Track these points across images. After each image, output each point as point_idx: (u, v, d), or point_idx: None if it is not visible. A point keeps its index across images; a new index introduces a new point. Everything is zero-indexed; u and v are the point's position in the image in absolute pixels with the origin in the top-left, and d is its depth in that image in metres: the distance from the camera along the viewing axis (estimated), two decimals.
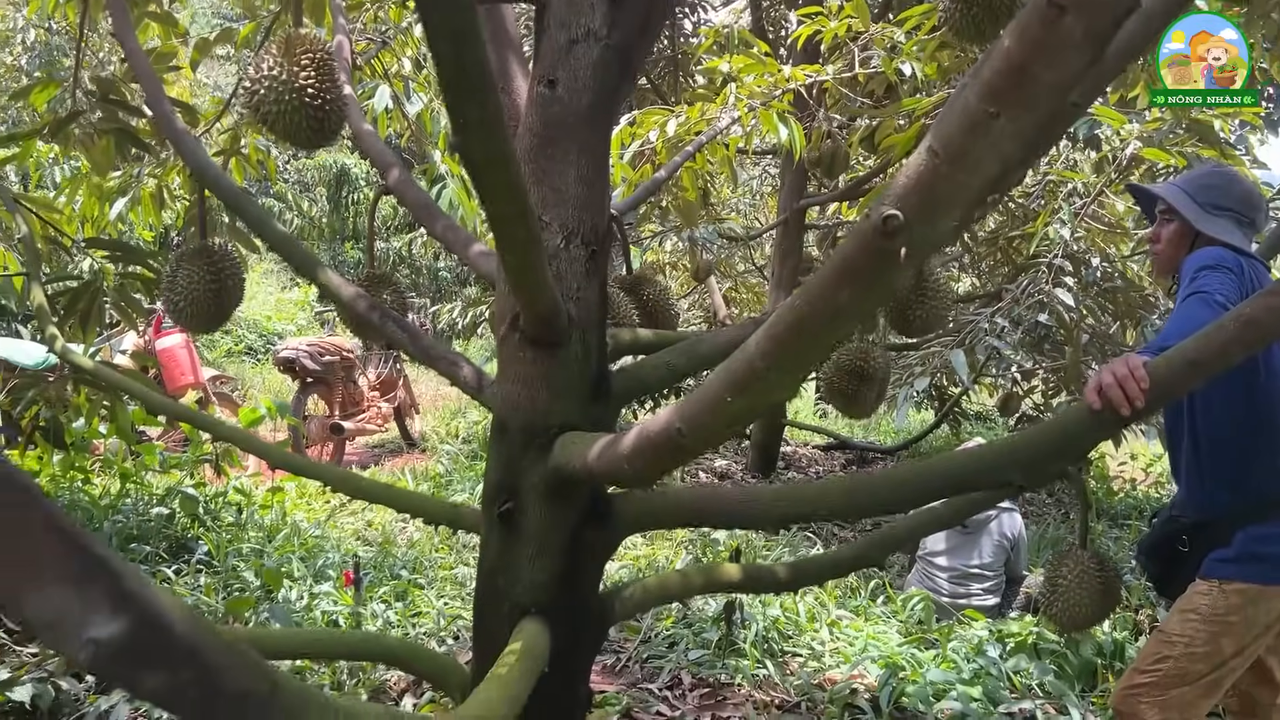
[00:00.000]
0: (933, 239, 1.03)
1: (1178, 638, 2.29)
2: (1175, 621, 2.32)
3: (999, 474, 1.66)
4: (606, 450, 1.58)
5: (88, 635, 0.58)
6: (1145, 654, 2.38)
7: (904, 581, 5.10)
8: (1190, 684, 2.27)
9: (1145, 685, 2.32)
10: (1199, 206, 2.34)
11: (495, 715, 1.37)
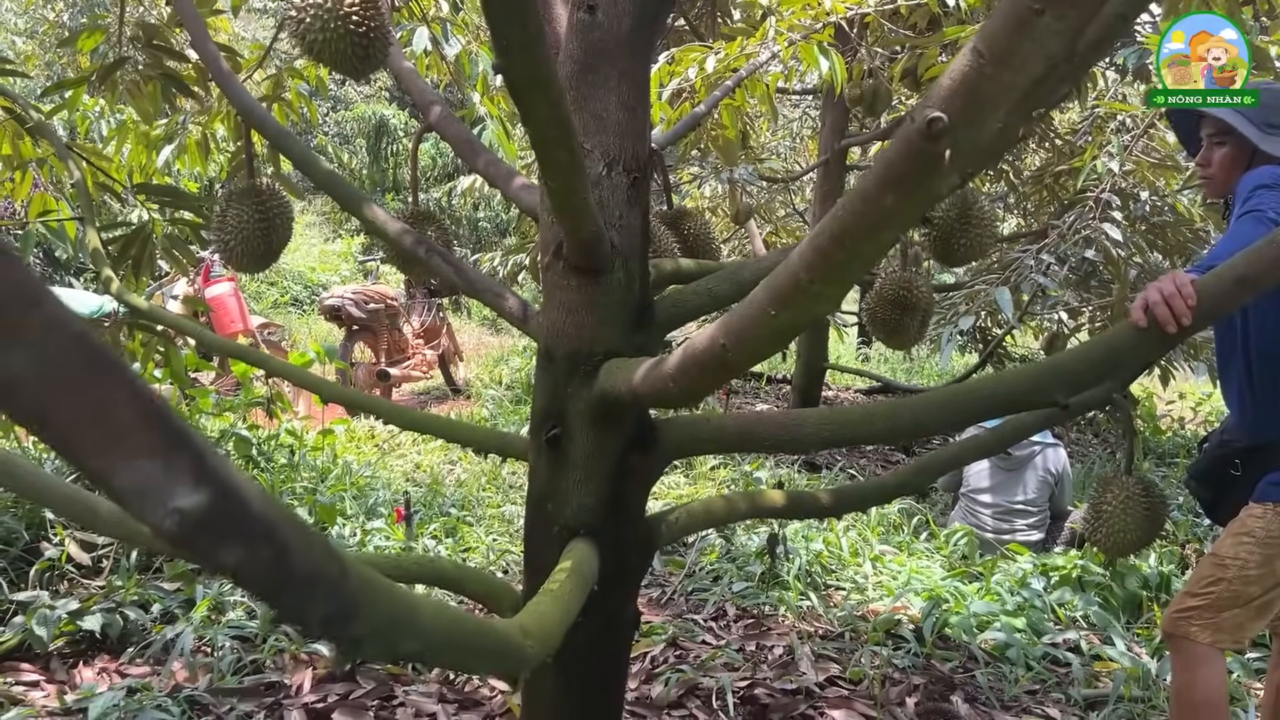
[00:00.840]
0: (977, 142, 1.03)
1: (1231, 560, 2.28)
2: (1228, 544, 2.31)
3: (1044, 394, 1.67)
4: (651, 371, 1.61)
5: (173, 504, 0.61)
6: (1197, 577, 2.36)
7: (947, 519, 5.11)
8: (1242, 606, 2.26)
9: (1197, 608, 2.31)
10: (1256, 126, 2.29)
11: (550, 625, 1.41)
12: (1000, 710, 2.91)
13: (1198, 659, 2.30)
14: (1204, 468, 2.46)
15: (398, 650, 0.90)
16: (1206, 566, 2.34)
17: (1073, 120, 8.33)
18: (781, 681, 2.97)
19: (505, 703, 2.79)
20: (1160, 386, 7.56)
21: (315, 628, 0.79)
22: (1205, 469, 2.45)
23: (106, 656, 2.96)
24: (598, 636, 1.97)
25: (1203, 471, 2.46)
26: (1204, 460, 2.45)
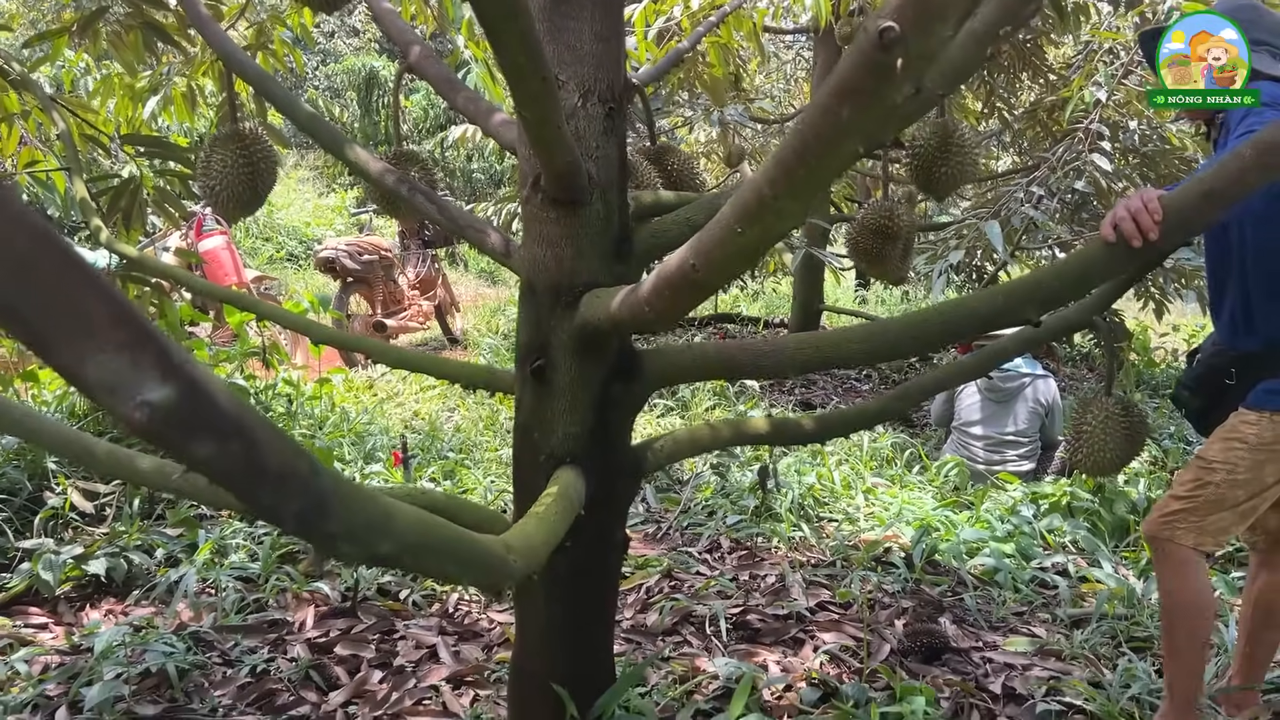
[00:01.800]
0: (929, 51, 1.05)
1: (1220, 464, 2.29)
2: (1217, 449, 2.32)
3: (1019, 312, 1.70)
4: (627, 297, 1.64)
5: (142, 397, 0.65)
6: (1182, 480, 2.38)
7: (939, 454, 5.17)
8: (1228, 509, 2.29)
9: (1182, 510, 2.34)
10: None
11: (535, 543, 1.46)
12: (988, 630, 2.98)
13: (1183, 561, 2.33)
14: (1199, 374, 2.42)
15: (374, 551, 0.94)
16: (1192, 470, 2.36)
17: (1066, 55, 8.26)
18: (773, 607, 3.04)
19: (504, 633, 2.86)
20: (1154, 319, 7.60)
21: (290, 523, 0.84)
22: (1200, 376, 2.42)
23: (112, 599, 3.03)
24: (587, 559, 2.02)
25: (1197, 378, 2.43)
26: (1199, 368, 2.43)
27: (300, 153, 18.60)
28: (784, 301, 11.62)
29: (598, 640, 2.19)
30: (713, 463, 4.42)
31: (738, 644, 2.82)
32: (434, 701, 2.50)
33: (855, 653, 2.75)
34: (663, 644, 2.80)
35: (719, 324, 9.58)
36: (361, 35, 20.55)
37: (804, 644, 2.83)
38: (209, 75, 4.32)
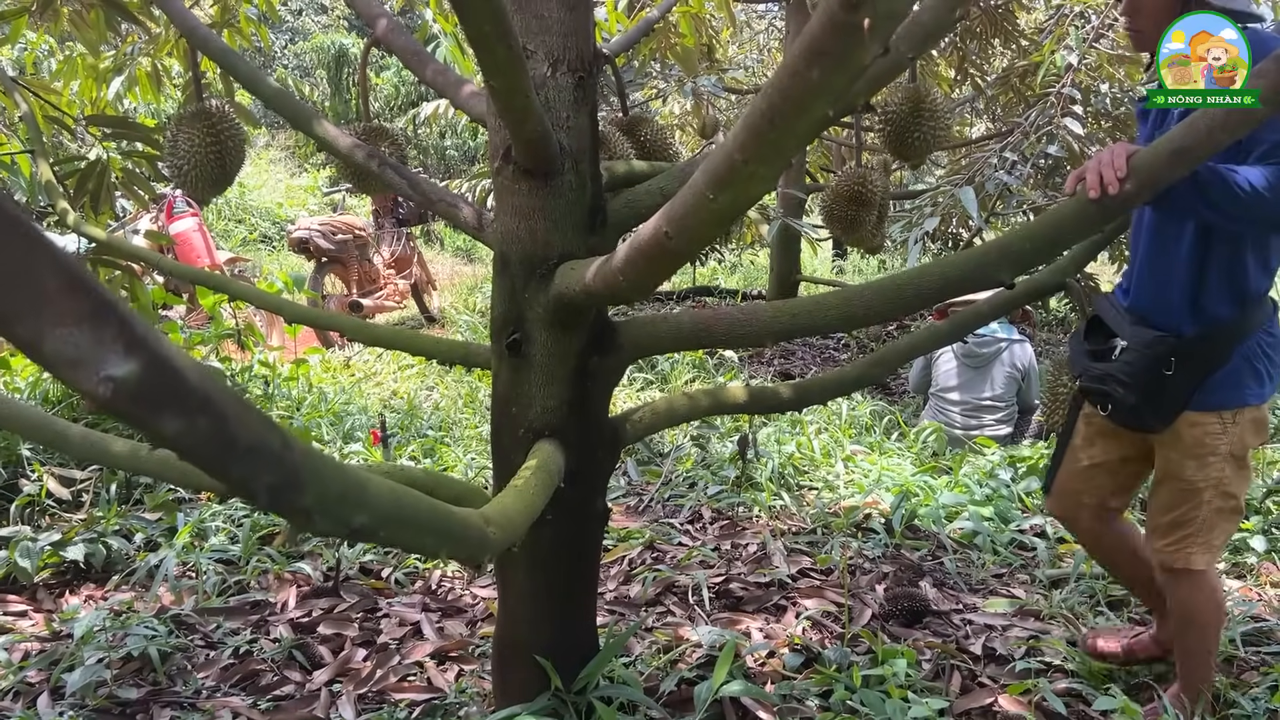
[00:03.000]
0: (897, 10, 1.04)
1: (1204, 484, 2.13)
2: (1193, 468, 2.13)
3: (992, 272, 1.70)
4: (602, 268, 1.63)
5: (105, 372, 0.64)
6: (1167, 506, 2.20)
7: (917, 421, 5.20)
8: (1229, 516, 2.19)
9: (1190, 535, 2.18)
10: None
11: (513, 515, 1.45)
12: (968, 593, 3.01)
13: (1202, 582, 2.23)
14: (1137, 367, 2.06)
15: (349, 523, 0.93)
16: (1171, 494, 2.19)
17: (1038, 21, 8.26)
18: (755, 575, 3.06)
19: (487, 608, 2.86)
20: None
21: (264, 498, 0.83)
22: (1137, 369, 2.05)
23: (92, 585, 3.01)
24: (568, 531, 2.03)
25: (1134, 373, 2.06)
26: (1136, 359, 2.06)
27: (271, 132, 18.40)
28: (761, 273, 11.64)
29: (580, 611, 2.19)
30: (693, 434, 4.43)
31: (720, 612, 2.84)
32: (419, 678, 2.51)
33: (837, 618, 2.78)
34: (646, 614, 2.81)
35: (697, 297, 9.58)
36: (330, 12, 20.32)
37: (786, 611, 2.85)
38: (174, 54, 4.25)
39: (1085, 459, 2.37)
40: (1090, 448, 2.37)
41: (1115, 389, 2.08)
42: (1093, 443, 2.36)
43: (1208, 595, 2.24)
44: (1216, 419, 2.11)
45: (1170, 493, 2.20)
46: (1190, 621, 2.27)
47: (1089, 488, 2.40)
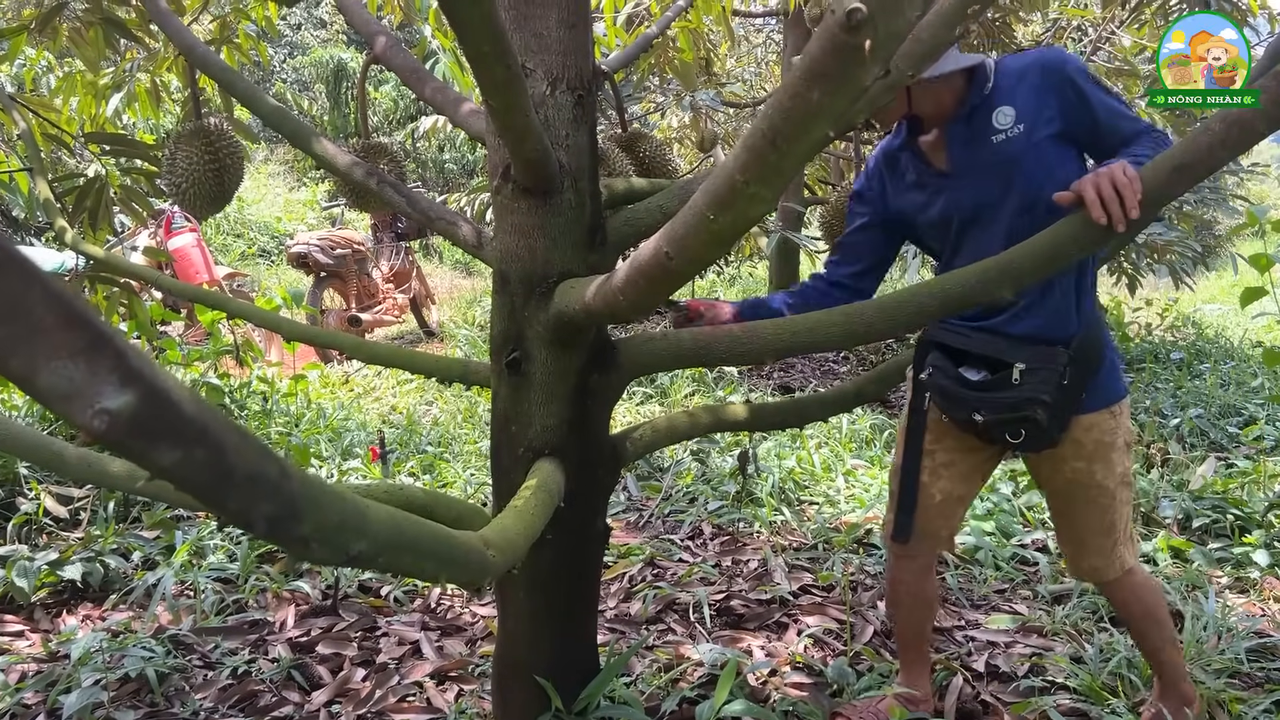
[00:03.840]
0: (897, 31, 1.04)
1: (1113, 483, 2.11)
2: (1102, 472, 2.10)
3: (992, 289, 1.69)
4: (602, 287, 1.62)
5: (100, 405, 0.63)
6: (1092, 522, 2.15)
7: None
8: (1130, 503, 2.18)
9: (1118, 540, 2.17)
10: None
11: (513, 537, 1.44)
12: (970, 609, 3.00)
13: (1138, 574, 2.24)
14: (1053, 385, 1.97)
15: (348, 551, 0.92)
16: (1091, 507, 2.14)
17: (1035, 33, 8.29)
18: (756, 592, 3.04)
19: (487, 627, 2.85)
20: (1128, 294, 7.67)
21: (261, 527, 0.82)
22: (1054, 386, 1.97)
23: (89, 604, 2.99)
24: (568, 550, 2.01)
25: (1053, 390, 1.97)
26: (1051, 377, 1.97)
27: (270, 147, 18.44)
28: (760, 286, 11.64)
29: (581, 631, 2.18)
30: (693, 449, 4.42)
31: (721, 630, 2.83)
32: (418, 698, 2.49)
33: (839, 635, 2.76)
34: (646, 632, 2.79)
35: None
36: (329, 27, 20.38)
37: (788, 628, 2.83)
38: (173, 70, 4.26)
39: (939, 494, 2.23)
40: (939, 481, 2.23)
41: (1037, 412, 1.96)
42: (939, 475, 2.23)
43: (1145, 582, 2.24)
44: (1109, 415, 2.09)
45: (1087, 506, 2.14)
46: (1146, 616, 2.25)
47: (947, 524, 2.27)
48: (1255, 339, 8.51)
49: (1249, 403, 5.65)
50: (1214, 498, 3.76)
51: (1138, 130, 1.97)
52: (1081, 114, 1.96)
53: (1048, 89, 1.97)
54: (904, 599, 2.34)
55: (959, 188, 2.02)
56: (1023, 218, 1.98)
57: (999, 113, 1.98)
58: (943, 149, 2.05)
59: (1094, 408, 2.06)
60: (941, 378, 2.08)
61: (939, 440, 2.22)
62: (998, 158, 1.97)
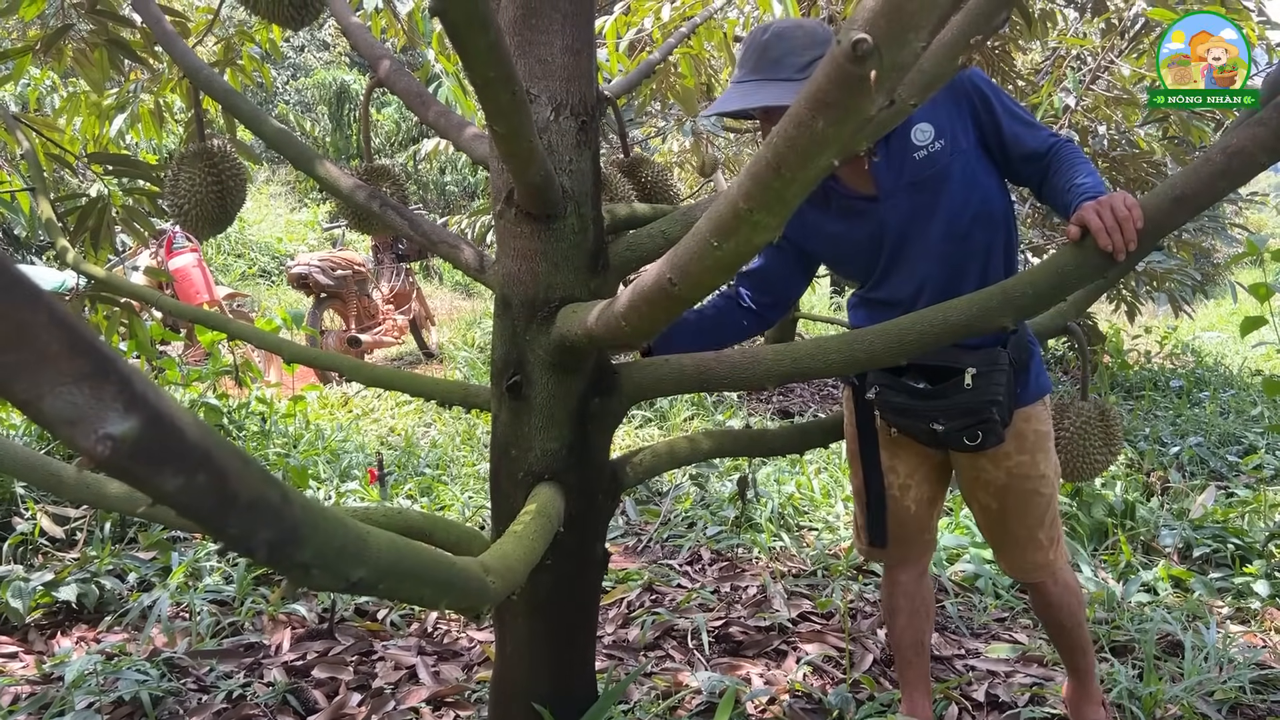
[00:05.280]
0: (902, 62, 1.04)
1: (1048, 471, 2.14)
2: (1043, 462, 2.13)
3: (994, 318, 1.70)
4: (604, 312, 1.62)
5: (104, 431, 0.63)
6: (1031, 517, 2.16)
7: None
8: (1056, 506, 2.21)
9: (1055, 536, 2.19)
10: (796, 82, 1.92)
11: (513, 563, 1.44)
12: (969, 637, 2.98)
13: (1068, 574, 2.26)
14: (1005, 386, 2.01)
15: (348, 577, 0.91)
16: (1029, 500, 2.14)
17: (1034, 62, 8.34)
18: (755, 619, 3.03)
19: (484, 652, 2.83)
20: (1127, 321, 7.68)
21: (262, 554, 0.81)
22: (1005, 386, 2.01)
23: (84, 626, 2.97)
24: (567, 577, 2.00)
25: (1007, 391, 2.02)
26: (1000, 377, 2.01)
27: (272, 168, 18.49)
28: None
29: (579, 657, 2.16)
30: (692, 473, 4.41)
31: (720, 657, 2.81)
32: None
33: (838, 663, 2.74)
34: (645, 659, 2.77)
35: None
36: (332, 49, 20.48)
37: (787, 655, 2.81)
38: (176, 91, 4.28)
39: (913, 504, 2.24)
40: (910, 491, 2.24)
41: (994, 413, 2.00)
42: (909, 488, 2.24)
43: (1072, 580, 2.28)
44: (1042, 406, 2.16)
45: (1030, 498, 2.14)
46: (1074, 615, 2.27)
47: (927, 527, 2.29)
48: (1254, 367, 8.52)
49: (1249, 431, 5.64)
50: (1214, 527, 3.75)
51: (1043, 140, 1.98)
52: (990, 123, 2.00)
53: (957, 101, 2.00)
54: (901, 607, 2.36)
55: (888, 209, 2.03)
56: (952, 229, 2.01)
57: (917, 129, 1.99)
58: (864, 173, 2.05)
59: (1031, 399, 2.12)
60: (891, 394, 2.10)
61: (896, 455, 2.24)
62: (923, 174, 1.99)
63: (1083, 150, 2.04)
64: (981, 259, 2.05)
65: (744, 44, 2.06)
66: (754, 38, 2.01)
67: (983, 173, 2.00)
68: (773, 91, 1.92)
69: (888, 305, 2.12)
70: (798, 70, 1.92)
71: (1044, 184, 1.96)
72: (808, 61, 1.92)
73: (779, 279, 2.27)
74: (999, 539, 2.23)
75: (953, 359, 2.01)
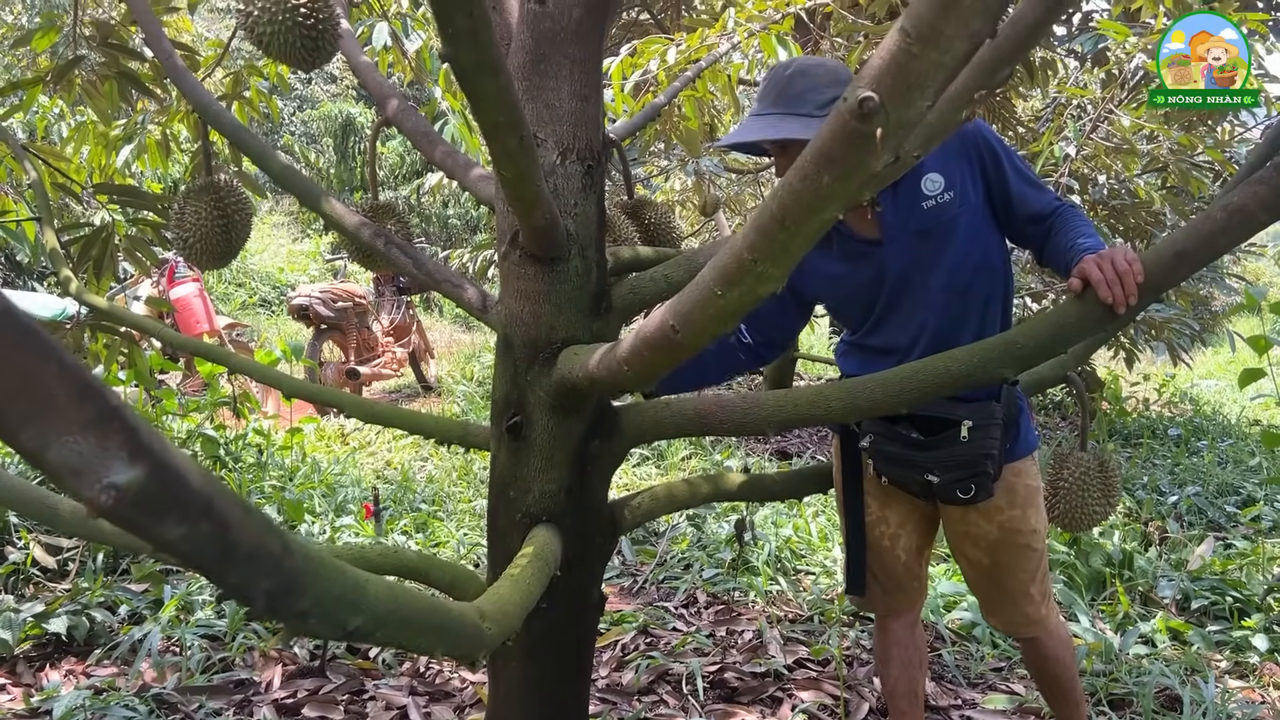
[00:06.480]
0: (908, 120, 1.05)
1: (1039, 526, 2.15)
2: (1034, 517, 2.14)
3: (994, 370, 1.70)
4: (606, 356, 1.63)
5: (109, 480, 0.63)
6: (1025, 571, 2.16)
7: None
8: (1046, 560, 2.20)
9: (1045, 590, 2.19)
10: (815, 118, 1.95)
11: (509, 608, 1.43)
12: (966, 687, 2.96)
13: (1061, 628, 2.26)
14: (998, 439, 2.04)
15: (345, 626, 0.91)
16: (1021, 554, 2.15)
17: (1035, 108, 8.42)
18: (751, 665, 3.00)
19: (476, 694, 2.80)
20: (1125, 368, 7.69)
21: (261, 603, 0.81)
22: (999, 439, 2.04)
23: (73, 659, 2.95)
24: (563, 621, 1.99)
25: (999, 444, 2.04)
26: (994, 430, 2.03)
27: (275, 198, 18.58)
28: None
29: (573, 702, 2.14)
30: (689, 514, 4.39)
31: (715, 703, 2.78)
32: None
33: (834, 711, 2.72)
34: (639, 704, 2.75)
35: None
36: (339, 82, 20.65)
37: (782, 703, 2.79)
38: (184, 123, 4.31)
39: (903, 553, 2.24)
40: (900, 540, 2.24)
41: (988, 467, 2.02)
42: (899, 537, 2.24)
43: (1065, 634, 2.27)
44: (1030, 461, 2.17)
45: (1022, 553, 2.14)
46: (1068, 669, 2.26)
47: (916, 575, 2.29)
48: (1252, 416, 8.52)
49: (1247, 481, 5.63)
50: (1212, 579, 3.73)
51: (1048, 202, 2.00)
52: (998, 180, 2.01)
53: (968, 156, 2.02)
54: (894, 656, 2.34)
55: (890, 255, 2.04)
56: (954, 280, 2.02)
57: (928, 179, 2.01)
58: (870, 217, 2.07)
59: (1021, 454, 2.13)
60: (885, 443, 2.10)
61: (887, 505, 2.24)
62: (930, 223, 2.00)
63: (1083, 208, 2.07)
64: (980, 311, 2.07)
65: (766, 78, 2.09)
66: (777, 72, 2.04)
67: (987, 227, 2.02)
68: (793, 125, 1.95)
69: (882, 353, 2.13)
70: (818, 107, 1.95)
71: (1046, 244, 1.97)
72: (829, 99, 1.95)
73: (777, 320, 2.29)
74: (990, 595, 2.22)
75: (948, 410, 2.02)
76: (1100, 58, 6.03)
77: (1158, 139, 5.51)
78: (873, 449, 2.13)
